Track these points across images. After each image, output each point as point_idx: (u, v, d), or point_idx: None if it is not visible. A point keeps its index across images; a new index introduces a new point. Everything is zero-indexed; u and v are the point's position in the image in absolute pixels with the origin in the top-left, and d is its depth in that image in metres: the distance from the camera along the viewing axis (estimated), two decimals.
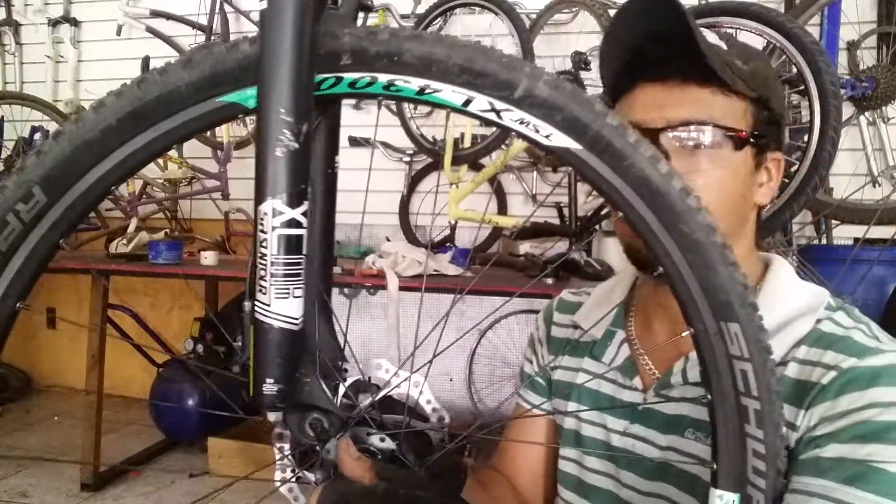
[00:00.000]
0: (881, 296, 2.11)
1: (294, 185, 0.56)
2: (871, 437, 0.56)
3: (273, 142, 0.55)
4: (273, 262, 0.56)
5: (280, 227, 0.56)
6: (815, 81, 1.57)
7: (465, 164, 2.71)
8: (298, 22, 0.54)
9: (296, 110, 0.55)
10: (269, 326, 0.58)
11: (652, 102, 0.69)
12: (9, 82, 3.90)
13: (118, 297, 3.01)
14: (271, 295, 0.57)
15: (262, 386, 0.59)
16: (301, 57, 0.55)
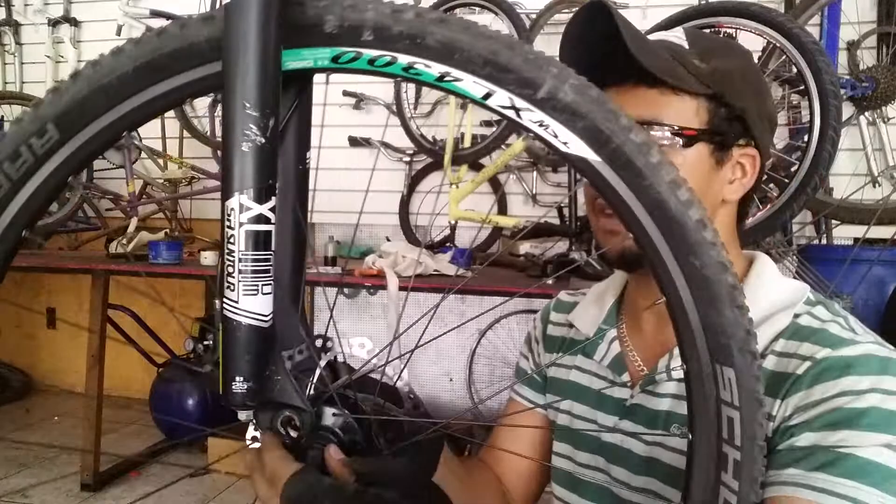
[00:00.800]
0: (881, 296, 2.11)
1: (261, 180, 0.55)
2: (842, 423, 0.57)
3: (238, 136, 0.54)
4: (241, 258, 0.55)
5: (247, 222, 0.55)
6: (815, 81, 1.57)
7: (465, 164, 2.71)
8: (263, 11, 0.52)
9: (262, 104, 0.54)
10: (238, 324, 0.57)
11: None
12: (9, 82, 3.90)
13: (118, 297, 3.00)
14: (239, 292, 0.56)
15: (232, 384, 0.58)
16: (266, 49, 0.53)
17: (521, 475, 0.93)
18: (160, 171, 3.34)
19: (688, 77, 0.68)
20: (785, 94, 2.36)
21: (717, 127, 0.70)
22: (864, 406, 0.57)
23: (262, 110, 0.54)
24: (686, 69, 0.68)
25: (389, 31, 0.47)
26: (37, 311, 3.97)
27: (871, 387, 0.58)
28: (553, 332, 0.95)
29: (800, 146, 1.86)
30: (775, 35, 1.63)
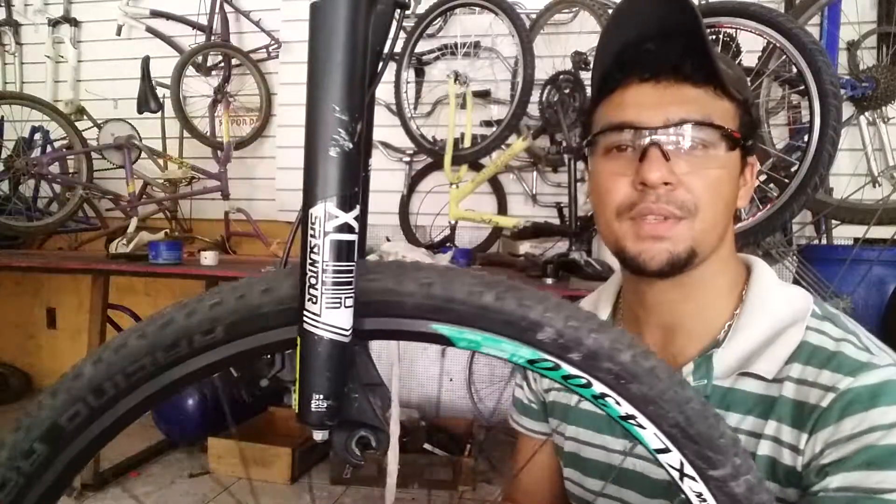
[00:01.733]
0: (881, 296, 2.11)
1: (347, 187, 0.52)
2: (877, 463, 0.56)
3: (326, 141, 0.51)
4: (325, 269, 0.52)
5: (332, 231, 0.52)
6: (815, 81, 1.57)
7: (465, 164, 2.71)
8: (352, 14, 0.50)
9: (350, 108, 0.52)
10: (320, 338, 0.53)
11: (647, 101, 0.67)
12: (9, 82, 3.90)
13: (118, 297, 3.00)
14: (322, 305, 0.53)
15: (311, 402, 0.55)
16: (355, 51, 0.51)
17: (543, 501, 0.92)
18: (160, 171, 3.34)
19: (730, 82, 0.67)
20: (785, 94, 2.36)
21: (746, 132, 0.70)
22: (894, 442, 0.56)
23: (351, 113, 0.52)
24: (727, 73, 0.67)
25: (600, 363, 0.47)
26: (37, 312, 3.97)
27: (893, 421, 0.57)
28: None
29: (800, 146, 1.86)
30: (775, 35, 1.63)
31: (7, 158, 3.01)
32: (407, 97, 2.85)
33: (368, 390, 0.60)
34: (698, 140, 0.66)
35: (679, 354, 0.73)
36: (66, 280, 3.86)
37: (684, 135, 0.66)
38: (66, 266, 2.72)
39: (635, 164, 0.67)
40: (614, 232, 0.70)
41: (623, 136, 0.68)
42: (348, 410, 0.58)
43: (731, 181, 0.69)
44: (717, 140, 0.67)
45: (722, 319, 0.71)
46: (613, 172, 0.69)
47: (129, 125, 3.18)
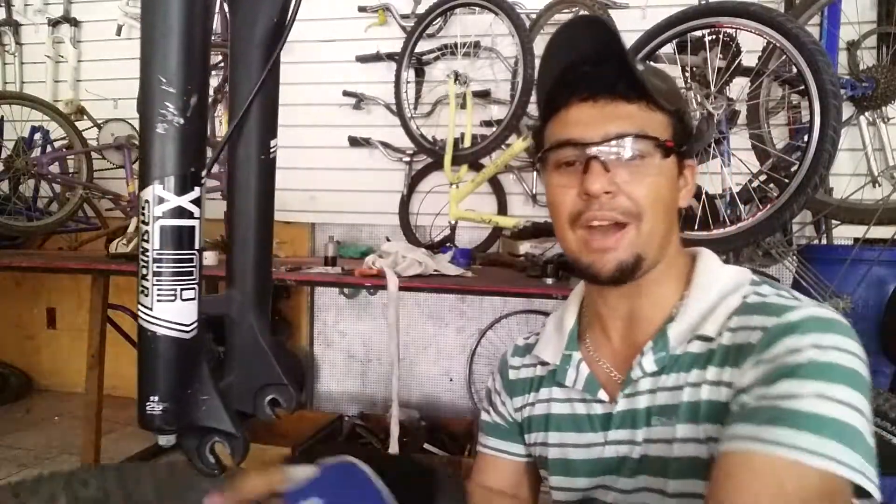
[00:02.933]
0: (881, 296, 2.11)
1: (181, 167, 0.48)
2: (783, 376, 0.62)
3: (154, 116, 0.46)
4: (156, 258, 0.48)
5: (164, 216, 0.47)
6: (815, 81, 1.57)
7: (465, 164, 2.71)
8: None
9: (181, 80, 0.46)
10: (152, 334, 0.49)
11: (587, 119, 0.74)
12: (9, 82, 3.90)
13: (118, 297, 3.00)
14: (153, 297, 0.48)
15: (146, 405, 0.50)
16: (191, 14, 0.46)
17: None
18: None
19: (659, 95, 0.74)
20: (785, 94, 2.36)
21: (680, 140, 0.77)
22: (802, 360, 0.63)
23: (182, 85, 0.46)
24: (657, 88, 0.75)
25: None
26: (36, 312, 3.97)
27: (809, 344, 0.64)
28: (517, 376, 0.94)
29: (800, 146, 1.86)
30: (775, 35, 1.63)
31: (7, 158, 3.01)
32: (407, 97, 2.85)
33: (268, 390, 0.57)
34: (634, 151, 0.73)
35: (640, 340, 0.80)
36: (66, 280, 3.86)
37: (622, 147, 0.73)
38: (66, 266, 2.72)
39: (580, 176, 0.74)
40: (568, 241, 0.78)
41: (568, 152, 0.76)
42: (192, 415, 0.53)
43: (669, 185, 0.77)
44: (651, 150, 0.74)
45: (674, 301, 0.79)
46: (562, 185, 0.77)
47: (129, 125, 3.18)
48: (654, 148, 0.74)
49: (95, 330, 2.59)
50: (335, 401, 3.47)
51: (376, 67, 3.30)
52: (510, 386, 0.94)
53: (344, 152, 3.35)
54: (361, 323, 3.43)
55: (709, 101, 1.83)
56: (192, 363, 0.52)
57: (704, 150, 1.85)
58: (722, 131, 1.85)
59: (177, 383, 0.51)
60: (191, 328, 0.51)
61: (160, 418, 0.51)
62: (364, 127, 3.33)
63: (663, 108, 0.75)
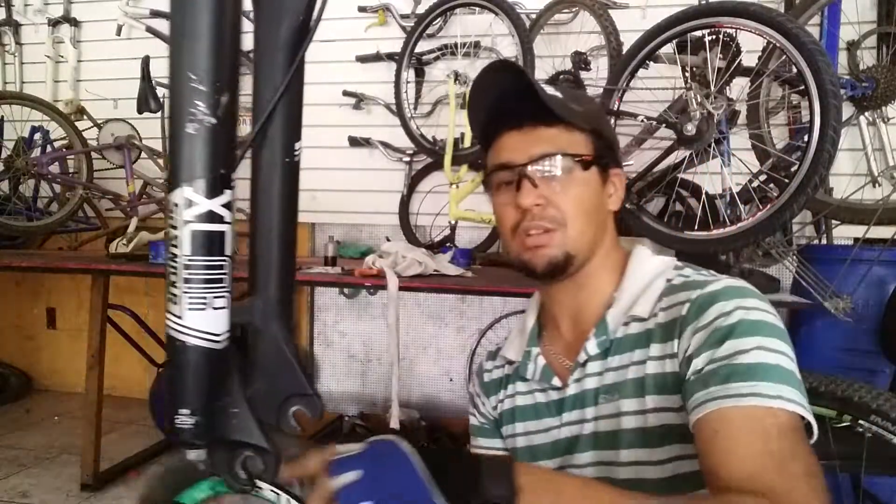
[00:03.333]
0: (881, 296, 2.11)
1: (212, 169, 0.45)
2: (723, 337, 0.73)
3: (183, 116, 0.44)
4: (186, 264, 0.46)
5: (194, 221, 0.45)
6: (815, 81, 1.57)
7: (465, 164, 2.71)
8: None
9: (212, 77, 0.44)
10: (182, 344, 0.46)
11: (514, 145, 0.87)
12: (9, 82, 3.90)
13: (118, 297, 3.00)
14: (183, 305, 0.46)
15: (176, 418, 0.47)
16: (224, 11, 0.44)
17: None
18: (160, 171, 3.34)
19: (576, 118, 0.86)
20: (785, 94, 2.36)
21: (600, 154, 0.88)
22: (734, 321, 0.74)
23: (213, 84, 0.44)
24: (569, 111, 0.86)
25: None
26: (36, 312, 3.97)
27: (735, 307, 0.75)
28: (490, 378, 1.05)
29: (800, 146, 1.86)
30: (775, 35, 1.63)
31: (7, 158, 3.01)
32: (407, 97, 2.85)
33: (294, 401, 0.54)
34: (557, 167, 0.85)
35: (585, 329, 0.90)
36: (66, 280, 3.86)
37: (546, 165, 0.85)
38: (66, 266, 2.72)
39: (514, 193, 0.86)
40: (511, 246, 0.89)
41: (503, 175, 0.88)
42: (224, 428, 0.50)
43: (592, 194, 0.88)
44: (571, 165, 0.85)
45: (610, 291, 0.90)
46: (503, 203, 0.89)
47: (129, 125, 3.18)
48: (574, 163, 0.85)
49: (95, 330, 2.59)
50: (335, 401, 3.47)
51: (376, 67, 3.30)
52: (485, 387, 1.05)
53: (344, 152, 3.35)
54: (361, 323, 3.43)
55: (709, 101, 1.83)
56: (223, 374, 0.50)
57: (704, 150, 1.85)
58: (722, 131, 1.85)
59: (207, 396, 0.49)
60: (222, 338, 0.49)
61: (191, 433, 0.48)
62: (364, 127, 3.33)
63: (581, 127, 0.87)
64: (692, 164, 1.91)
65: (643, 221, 1.96)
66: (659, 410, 0.79)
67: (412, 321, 3.39)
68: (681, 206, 2.31)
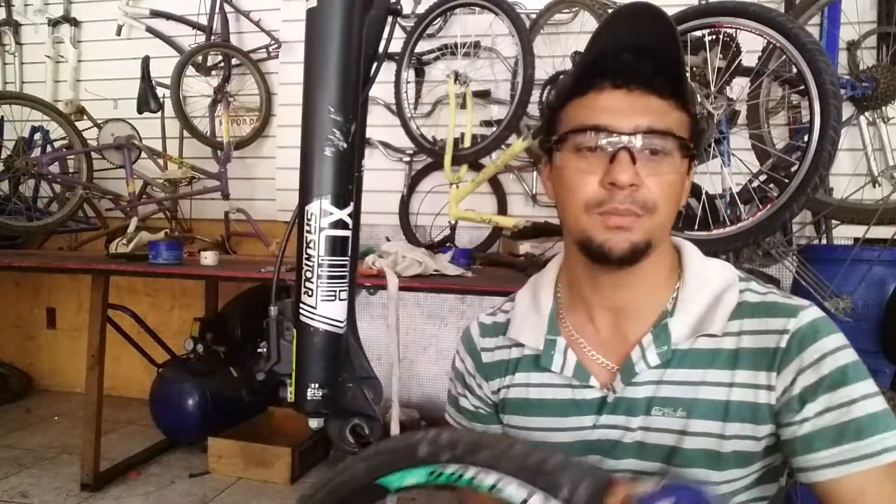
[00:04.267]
0: (881, 296, 2.10)
1: (341, 185, 0.56)
2: (835, 384, 0.71)
3: (322, 141, 0.54)
4: (321, 263, 0.56)
5: (328, 227, 0.56)
6: (815, 81, 1.56)
7: (465, 164, 2.71)
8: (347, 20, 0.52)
9: (345, 109, 0.55)
10: (315, 330, 0.57)
11: (618, 107, 0.74)
12: (9, 82, 3.90)
13: (118, 297, 3.01)
14: (318, 297, 0.56)
15: (307, 391, 0.57)
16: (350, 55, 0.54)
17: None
18: (160, 171, 3.34)
19: (690, 96, 0.76)
20: (785, 94, 2.36)
21: (696, 142, 0.79)
22: (843, 364, 0.71)
23: (346, 115, 0.54)
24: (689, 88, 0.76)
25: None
26: (36, 312, 3.97)
27: (837, 346, 0.72)
28: (491, 358, 0.92)
29: (800, 146, 1.86)
30: (775, 35, 1.63)
31: (7, 158, 3.01)
32: (407, 97, 2.85)
33: (362, 382, 0.63)
34: (660, 147, 0.74)
35: (630, 333, 0.82)
36: (66, 280, 3.86)
37: (650, 141, 0.74)
38: (66, 266, 2.72)
39: (604, 164, 0.74)
40: (582, 224, 0.77)
41: (595, 138, 0.74)
42: (343, 399, 0.60)
43: (681, 184, 0.79)
44: (674, 148, 0.75)
45: (666, 296, 0.82)
46: (583, 170, 0.76)
47: (129, 125, 3.18)
48: (678, 147, 0.75)
49: (95, 330, 2.60)
50: None
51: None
52: (485, 369, 0.92)
53: None
54: (361, 323, 3.40)
55: (709, 101, 1.83)
56: (344, 355, 0.60)
57: (704, 150, 1.85)
58: (722, 131, 1.85)
59: (333, 372, 0.59)
60: (344, 324, 0.59)
61: (320, 403, 0.58)
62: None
63: (687, 108, 0.77)
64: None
65: None
66: (741, 438, 0.75)
67: (412, 321, 3.39)
68: None
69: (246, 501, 2.56)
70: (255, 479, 2.70)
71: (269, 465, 2.70)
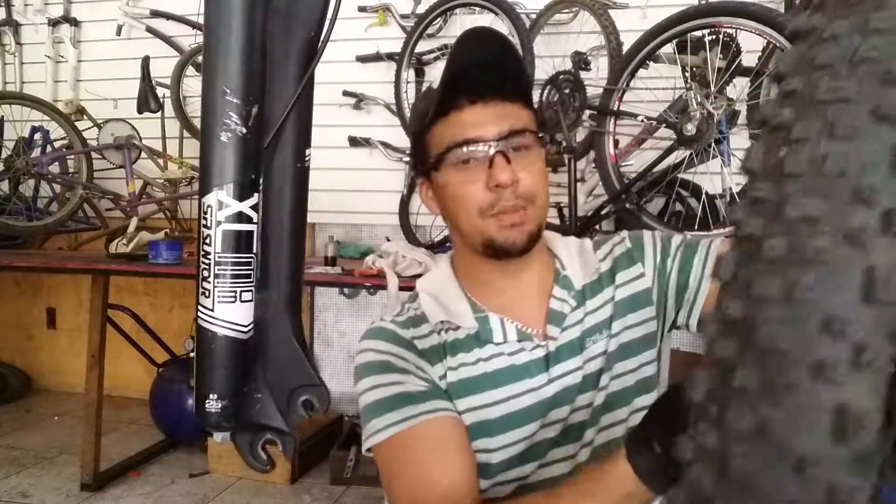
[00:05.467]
0: None
1: (242, 174, 0.50)
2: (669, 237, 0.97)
3: (217, 125, 0.49)
4: (218, 261, 0.50)
5: (225, 221, 0.50)
6: None
7: None
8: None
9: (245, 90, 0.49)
10: (213, 335, 0.51)
11: (480, 119, 0.83)
12: (9, 82, 3.90)
13: (118, 297, 3.01)
14: (215, 298, 0.51)
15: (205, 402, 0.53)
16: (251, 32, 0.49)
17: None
18: (160, 171, 3.34)
19: (530, 95, 0.88)
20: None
21: (544, 132, 0.91)
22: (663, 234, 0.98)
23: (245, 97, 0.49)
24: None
25: None
26: (36, 312, 3.97)
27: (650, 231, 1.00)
28: (426, 344, 0.89)
29: None
30: (775, 35, 1.63)
31: (7, 158, 3.01)
32: (407, 97, 2.85)
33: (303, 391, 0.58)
34: (523, 144, 0.84)
35: (541, 296, 0.92)
36: (66, 280, 3.86)
37: (516, 142, 0.84)
38: (66, 266, 2.72)
39: (484, 171, 0.83)
40: (480, 229, 0.85)
41: (467, 152, 0.83)
42: (248, 412, 0.55)
43: (545, 170, 0.90)
44: (533, 142, 0.86)
45: (549, 259, 0.95)
46: (466, 181, 0.84)
47: (129, 125, 3.18)
48: (535, 140, 0.86)
49: (95, 330, 2.60)
50: (335, 401, 3.46)
51: (376, 67, 3.30)
52: (426, 355, 0.88)
53: (344, 152, 3.35)
54: (361, 323, 3.43)
55: (709, 101, 1.83)
56: (248, 362, 0.54)
57: (704, 150, 1.85)
58: (722, 131, 1.85)
59: (235, 382, 0.53)
60: (248, 329, 0.53)
61: (219, 416, 0.53)
62: (364, 127, 3.33)
63: (530, 105, 0.89)
64: (692, 164, 1.91)
65: (643, 221, 1.96)
66: (631, 327, 0.90)
67: None
68: (681, 205, 2.32)
69: (246, 501, 2.56)
70: (255, 479, 2.71)
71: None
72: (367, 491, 2.63)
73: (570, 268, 0.94)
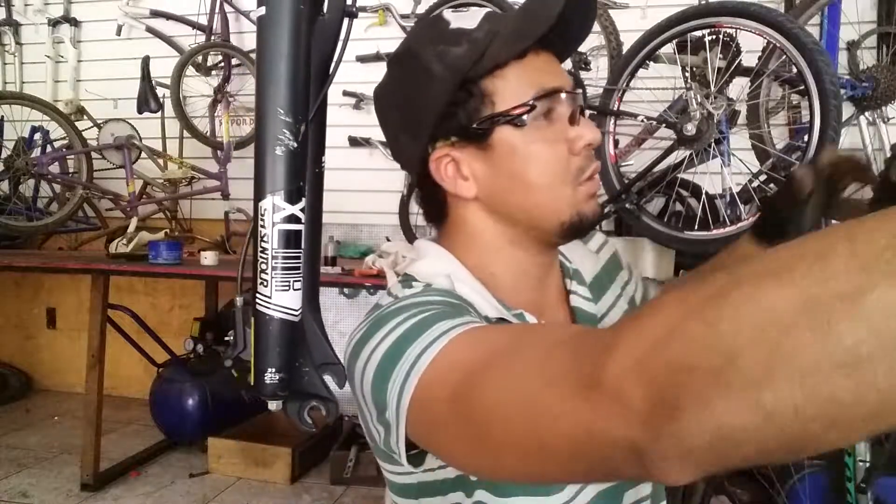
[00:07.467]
0: None
1: (292, 182, 0.59)
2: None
3: (273, 140, 0.57)
4: (274, 255, 0.59)
5: (280, 222, 0.59)
6: (815, 81, 1.57)
7: None
8: (294, 26, 0.57)
9: (294, 111, 0.58)
10: (270, 318, 0.60)
11: (556, 69, 0.67)
12: (9, 82, 3.90)
13: (118, 297, 3.01)
14: (272, 287, 0.60)
15: (264, 375, 0.61)
16: (297, 59, 0.57)
17: None
18: (160, 171, 3.34)
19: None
20: (785, 94, 2.36)
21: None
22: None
23: (295, 116, 0.58)
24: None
25: None
26: (36, 311, 3.97)
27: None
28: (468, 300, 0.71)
29: (800, 146, 1.86)
30: (775, 35, 1.63)
31: (7, 158, 3.01)
32: None
33: (324, 368, 0.67)
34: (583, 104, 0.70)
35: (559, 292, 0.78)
36: (66, 280, 3.86)
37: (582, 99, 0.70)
38: (66, 266, 2.72)
39: (565, 129, 0.65)
40: (569, 201, 0.66)
41: (566, 98, 0.66)
42: (299, 383, 0.64)
43: None
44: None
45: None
46: (553, 140, 0.65)
47: (129, 125, 3.18)
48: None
49: (95, 330, 2.60)
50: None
51: (376, 67, 3.30)
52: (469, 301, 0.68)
53: (344, 152, 3.35)
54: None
55: (709, 101, 1.83)
56: (299, 342, 0.64)
57: (704, 150, 1.85)
58: (722, 131, 1.85)
59: (289, 357, 0.62)
60: (299, 312, 0.63)
61: (275, 386, 0.61)
62: (364, 127, 3.33)
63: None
64: (692, 164, 1.91)
65: (643, 221, 1.96)
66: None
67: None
68: (681, 206, 2.31)
69: (246, 501, 2.56)
70: (255, 479, 2.71)
71: (269, 465, 2.70)
72: (366, 491, 2.64)
73: (575, 260, 0.82)
